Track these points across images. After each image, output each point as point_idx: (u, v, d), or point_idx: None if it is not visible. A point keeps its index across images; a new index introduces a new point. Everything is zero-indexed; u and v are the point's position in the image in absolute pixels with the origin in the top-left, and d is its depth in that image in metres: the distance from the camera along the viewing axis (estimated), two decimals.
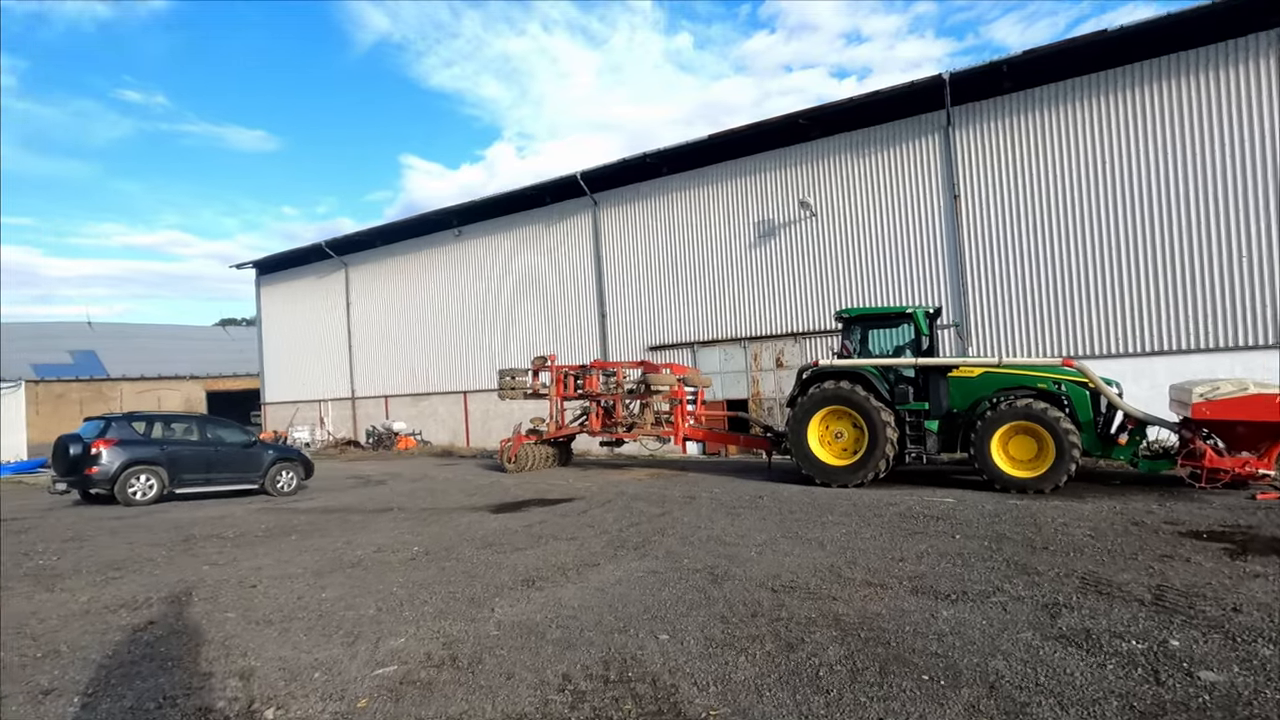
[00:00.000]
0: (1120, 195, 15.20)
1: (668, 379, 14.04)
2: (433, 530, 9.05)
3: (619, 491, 12.08)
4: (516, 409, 23.96)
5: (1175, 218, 14.64)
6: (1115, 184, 15.25)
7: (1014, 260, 16.29)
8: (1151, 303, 14.85)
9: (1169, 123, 14.70)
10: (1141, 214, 14.98)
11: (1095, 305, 15.41)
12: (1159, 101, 14.79)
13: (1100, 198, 15.39)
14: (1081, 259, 15.53)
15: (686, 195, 21.07)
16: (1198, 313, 14.39)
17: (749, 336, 20.08)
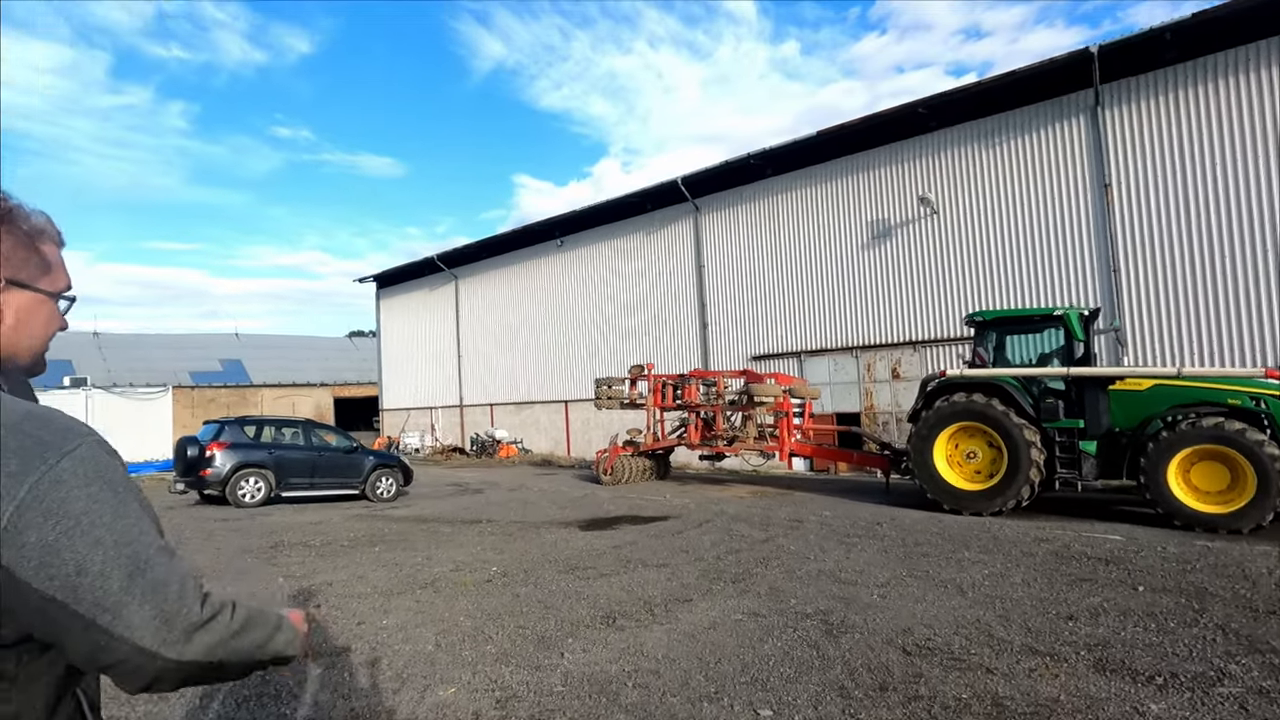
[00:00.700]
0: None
1: (772, 389, 12.85)
2: (517, 547, 8.38)
3: (718, 511, 11.03)
4: (615, 419, 23.35)
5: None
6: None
7: (1179, 257, 13.89)
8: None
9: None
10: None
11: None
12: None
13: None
14: (1264, 254, 12.97)
15: (792, 197, 19.76)
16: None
17: (861, 345, 18.46)
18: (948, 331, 16.85)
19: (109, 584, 0.86)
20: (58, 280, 1.08)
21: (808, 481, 15.67)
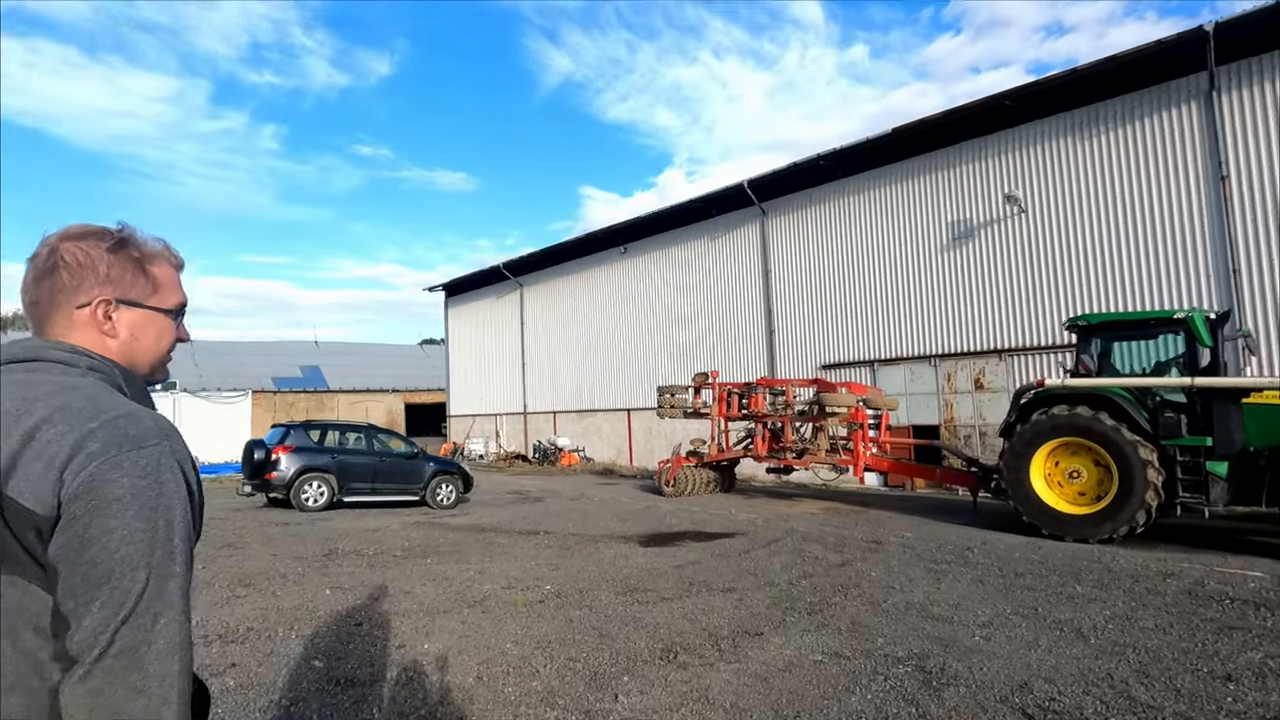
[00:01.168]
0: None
1: (846, 399, 11.96)
2: (573, 564, 7.85)
3: (787, 529, 10.24)
4: (679, 429, 22.71)
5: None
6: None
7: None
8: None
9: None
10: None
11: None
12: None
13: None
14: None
15: (865, 198, 18.72)
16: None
17: (940, 354, 17.23)
18: (1037, 339, 15.50)
19: (94, 570, 0.90)
20: (167, 299, 1.18)
21: (883, 498, 14.61)
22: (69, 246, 1.11)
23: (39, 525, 0.92)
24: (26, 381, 1.02)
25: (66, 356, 1.07)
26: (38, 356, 1.06)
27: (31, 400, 0.99)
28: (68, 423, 0.96)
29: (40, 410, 0.98)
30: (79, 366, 1.07)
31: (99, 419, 0.98)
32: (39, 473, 0.93)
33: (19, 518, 0.92)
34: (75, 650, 0.89)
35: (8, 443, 0.95)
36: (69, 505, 0.92)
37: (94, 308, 1.11)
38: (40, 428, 0.96)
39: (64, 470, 0.93)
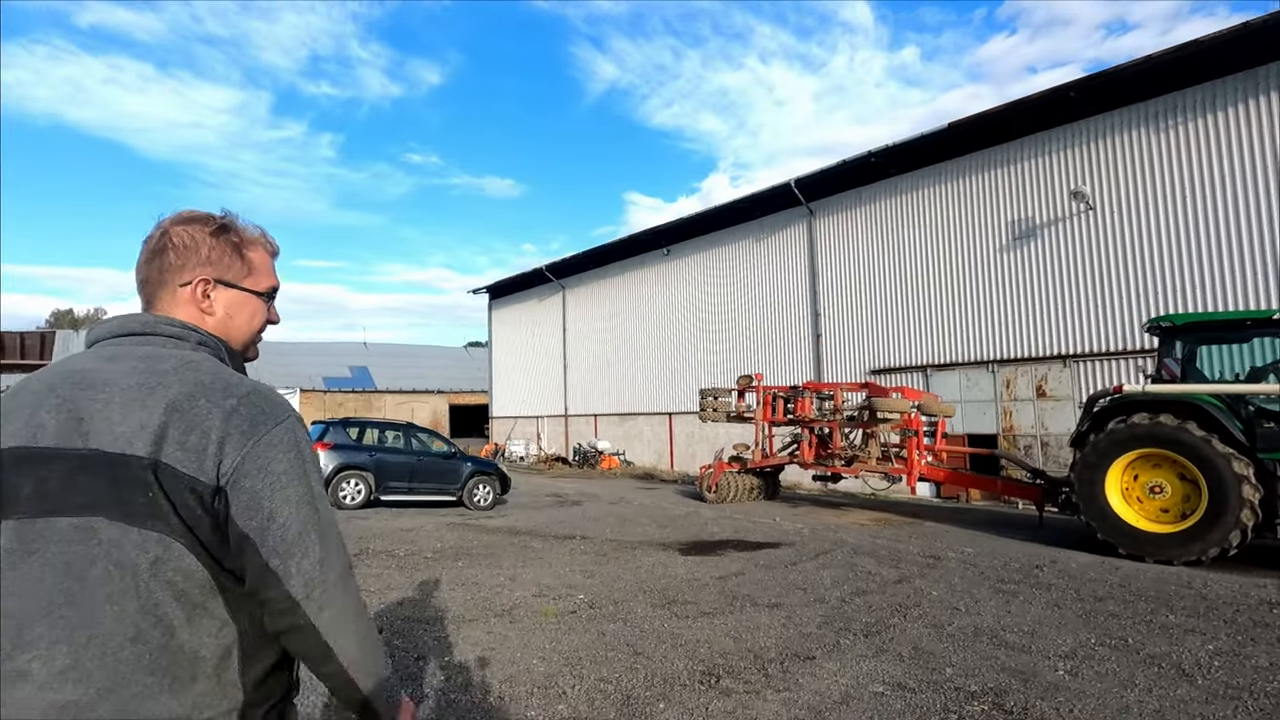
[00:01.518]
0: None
1: (899, 404, 11.25)
2: (609, 571, 7.41)
3: (836, 540, 9.61)
4: (721, 433, 22.13)
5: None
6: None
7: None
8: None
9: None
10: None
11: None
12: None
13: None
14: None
15: (918, 197, 17.89)
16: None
17: (999, 359, 16.29)
18: (1106, 344, 14.49)
19: (288, 534, 1.04)
20: (260, 281, 1.26)
21: (936, 509, 13.79)
22: (177, 229, 1.19)
23: (199, 491, 1.00)
24: (147, 354, 1.09)
25: (178, 331, 1.14)
26: (152, 330, 1.13)
27: (160, 373, 1.05)
28: (208, 398, 1.04)
29: (175, 384, 1.05)
30: (189, 341, 1.14)
31: (234, 395, 1.06)
32: (195, 444, 1.01)
33: (175, 483, 1.00)
34: (298, 594, 1.04)
35: (153, 414, 1.02)
36: (241, 480, 1.01)
37: (194, 286, 1.18)
38: (182, 401, 1.03)
39: (222, 444, 1.02)
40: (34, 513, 0.99)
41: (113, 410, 1.02)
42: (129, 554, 0.99)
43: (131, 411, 1.02)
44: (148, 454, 1.00)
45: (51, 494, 0.99)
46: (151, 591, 0.99)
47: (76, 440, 1.01)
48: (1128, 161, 14.48)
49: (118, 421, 1.01)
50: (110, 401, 1.02)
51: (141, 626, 0.99)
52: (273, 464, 1.04)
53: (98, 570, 0.98)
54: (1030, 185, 15.94)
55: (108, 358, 1.09)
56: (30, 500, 0.99)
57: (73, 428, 1.01)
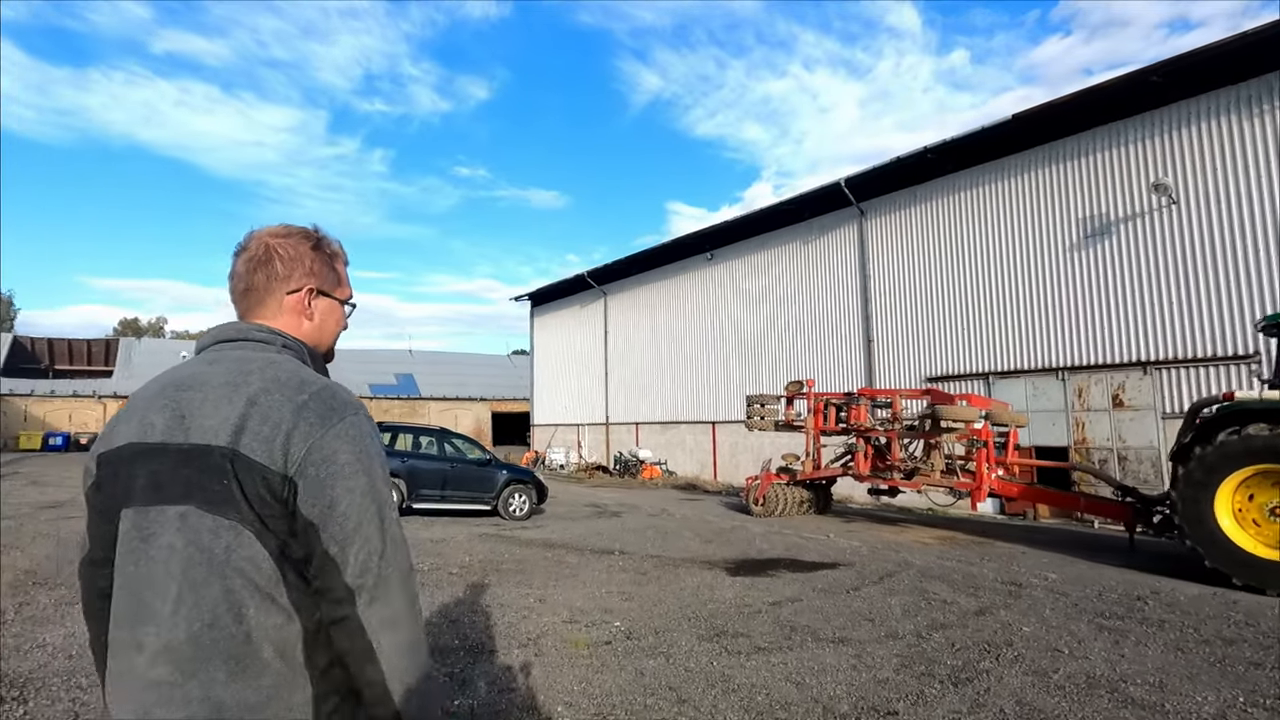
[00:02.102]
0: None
1: (966, 413, 10.21)
2: (649, 593, 6.65)
3: (899, 561, 8.65)
4: (767, 443, 21.16)
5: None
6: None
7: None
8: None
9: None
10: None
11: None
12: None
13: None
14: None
15: (978, 194, 16.73)
16: None
17: (1069, 366, 14.99)
18: (1193, 349, 13.14)
19: (347, 523, 1.07)
20: (345, 291, 1.39)
21: (1003, 528, 12.60)
22: (280, 242, 1.28)
23: (269, 479, 1.06)
24: (239, 357, 1.18)
25: (265, 336, 1.23)
26: (244, 336, 1.23)
27: (247, 373, 1.14)
28: (282, 392, 1.11)
29: (256, 381, 1.13)
30: (275, 344, 1.23)
31: (306, 391, 1.12)
32: (267, 434, 1.07)
33: (249, 472, 1.06)
34: (353, 582, 1.07)
35: (235, 408, 1.09)
36: (307, 469, 1.06)
37: (302, 295, 1.28)
38: (259, 396, 1.11)
39: (290, 435, 1.07)
40: (147, 502, 1.08)
41: (206, 406, 1.10)
42: (208, 540, 1.05)
43: (219, 407, 1.09)
44: (227, 444, 1.06)
45: (162, 485, 1.08)
46: (227, 578, 1.04)
47: (179, 435, 1.09)
48: (1215, 150, 13.15)
49: (209, 416, 1.09)
50: (205, 399, 1.11)
51: (217, 612, 1.03)
52: (337, 454, 1.08)
53: (188, 555, 1.05)
54: (1104, 179, 14.68)
55: (207, 362, 1.18)
56: (145, 491, 1.08)
57: (176, 424, 1.10)
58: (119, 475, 1.11)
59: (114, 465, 1.12)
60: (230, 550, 1.04)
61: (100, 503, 1.13)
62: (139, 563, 1.06)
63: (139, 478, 1.09)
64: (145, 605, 1.04)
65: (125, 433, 1.13)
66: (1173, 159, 13.69)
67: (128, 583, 1.06)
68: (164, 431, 1.09)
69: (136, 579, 1.06)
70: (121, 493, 1.10)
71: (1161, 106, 13.86)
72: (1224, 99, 13.10)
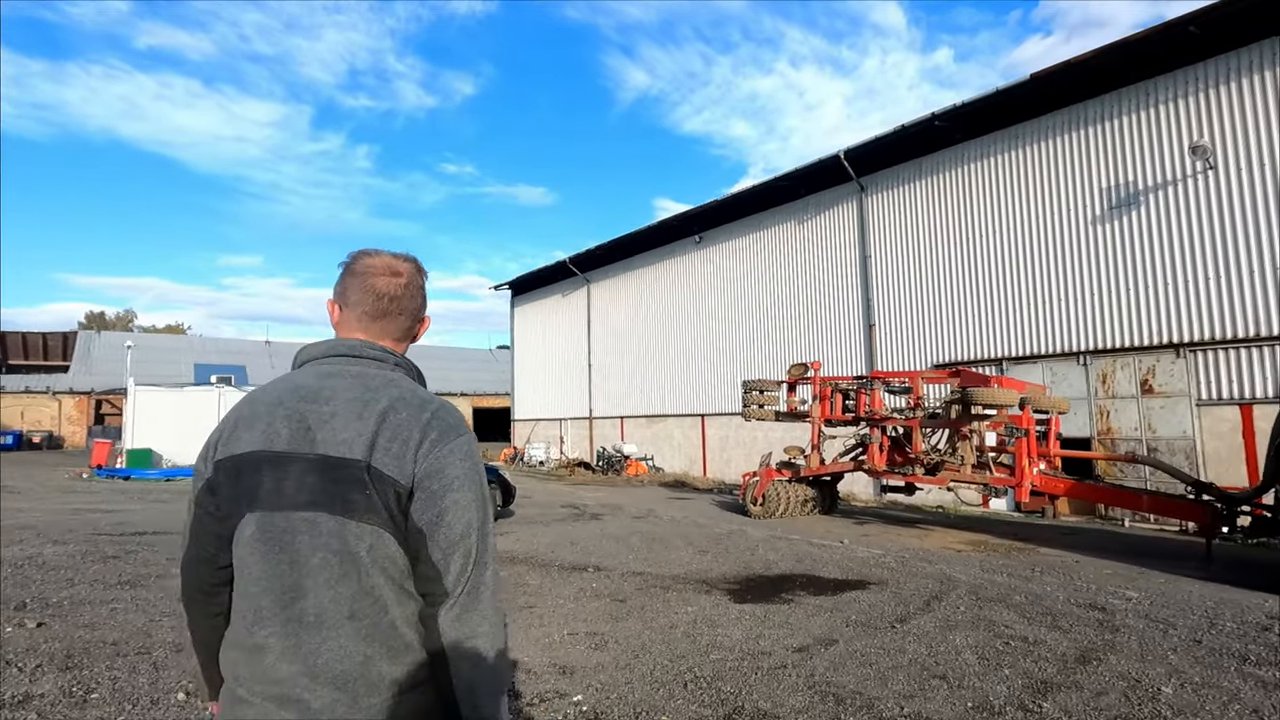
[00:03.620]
0: None
1: (1005, 396, 8.47)
2: (629, 633, 4.82)
3: (940, 577, 6.88)
4: (759, 436, 19.41)
5: None
6: None
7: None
8: None
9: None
10: None
11: None
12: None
13: None
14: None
15: (990, 164, 15.06)
16: None
17: (1092, 349, 13.36)
18: (1233, 329, 11.53)
19: (452, 533, 1.13)
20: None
21: (1032, 529, 10.90)
22: (414, 272, 1.36)
23: (398, 491, 1.12)
24: (360, 373, 1.22)
25: (380, 354, 1.27)
26: (359, 354, 1.25)
27: (373, 389, 1.19)
28: (408, 410, 1.17)
29: (384, 398, 1.18)
30: (389, 363, 1.27)
31: (428, 410, 1.19)
32: (398, 450, 1.14)
33: (382, 483, 1.12)
34: (450, 588, 1.13)
35: (368, 423, 1.15)
36: (424, 481, 1.13)
37: (423, 320, 1.38)
38: (388, 413, 1.16)
39: (417, 451, 1.14)
40: (272, 507, 1.13)
41: (336, 421, 1.15)
42: (349, 543, 1.11)
43: (350, 422, 1.14)
44: (364, 458, 1.12)
45: (286, 492, 1.13)
46: (370, 575, 1.11)
47: (305, 446, 1.14)
48: (1259, 108, 11.54)
49: (340, 430, 1.14)
50: (334, 414, 1.15)
51: (357, 606, 1.10)
52: (449, 469, 1.15)
53: (317, 559, 1.10)
54: (1133, 143, 13.03)
55: (326, 374, 1.21)
56: (270, 496, 1.13)
57: (302, 435, 1.14)
58: (241, 480, 1.15)
59: (235, 470, 1.16)
60: (372, 550, 1.11)
61: (214, 505, 1.18)
62: (268, 562, 1.11)
63: (264, 484, 1.14)
64: (279, 601, 1.10)
65: (249, 440, 1.16)
66: (1210, 119, 12.07)
67: (256, 581, 1.12)
68: (289, 441, 1.14)
69: (265, 578, 1.11)
70: (244, 497, 1.15)
71: (1198, 62, 12.23)
72: (1268, 51, 11.49)
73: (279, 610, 1.10)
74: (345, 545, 1.10)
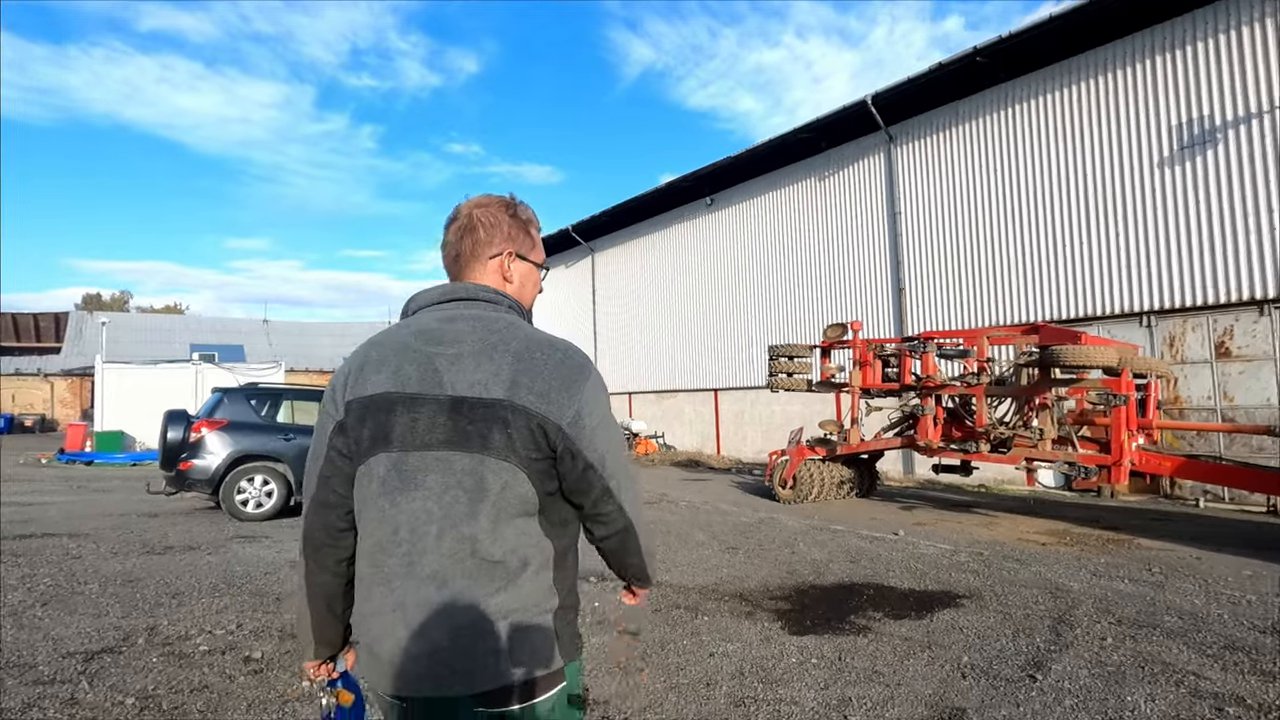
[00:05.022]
0: None
1: (1103, 355, 6.75)
2: (646, 695, 3.22)
3: (1043, 583, 5.24)
4: (778, 411, 17.79)
5: None
6: None
7: None
8: None
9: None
10: None
11: None
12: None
13: None
14: None
15: (1037, 105, 13.16)
16: None
17: (1156, 309, 11.61)
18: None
19: (615, 462, 1.22)
20: (539, 255, 1.42)
21: (1102, 511, 9.21)
22: (480, 211, 1.33)
23: (546, 428, 1.14)
24: (477, 315, 1.23)
25: (494, 296, 1.29)
26: (474, 296, 1.27)
27: (496, 331, 1.21)
28: (542, 351, 1.19)
29: (512, 340, 1.20)
30: (502, 304, 1.29)
31: (559, 349, 1.21)
32: (540, 389, 1.15)
33: (525, 420, 1.14)
34: (626, 506, 1.24)
35: (502, 365, 1.16)
36: (580, 419, 1.16)
37: (502, 259, 1.33)
38: (523, 354, 1.18)
39: (561, 391, 1.16)
40: (406, 447, 1.15)
41: (464, 362, 1.16)
42: (485, 480, 1.13)
43: (482, 364, 1.16)
44: (504, 397, 1.14)
45: (419, 431, 1.15)
46: (499, 510, 1.14)
47: (435, 388, 1.15)
48: None
49: (470, 371, 1.15)
50: (460, 355, 1.17)
51: (480, 540, 1.13)
52: (598, 407, 1.21)
53: (450, 496, 1.14)
54: (1209, 73, 11.13)
55: (446, 319, 1.22)
56: (403, 437, 1.15)
57: (431, 377, 1.16)
58: (373, 420, 1.17)
59: (366, 411, 1.17)
60: (506, 487, 1.14)
61: (345, 445, 1.20)
62: (398, 500, 1.15)
63: (397, 425, 1.15)
64: (413, 535, 1.13)
65: (379, 382, 1.17)
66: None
67: (388, 519, 1.15)
68: (419, 383, 1.15)
69: (398, 514, 1.14)
70: (377, 437, 1.16)
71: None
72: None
73: (416, 542, 1.13)
74: (478, 482, 1.13)
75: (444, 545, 1.12)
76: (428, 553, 1.12)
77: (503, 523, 1.13)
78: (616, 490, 1.21)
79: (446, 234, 1.33)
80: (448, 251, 1.33)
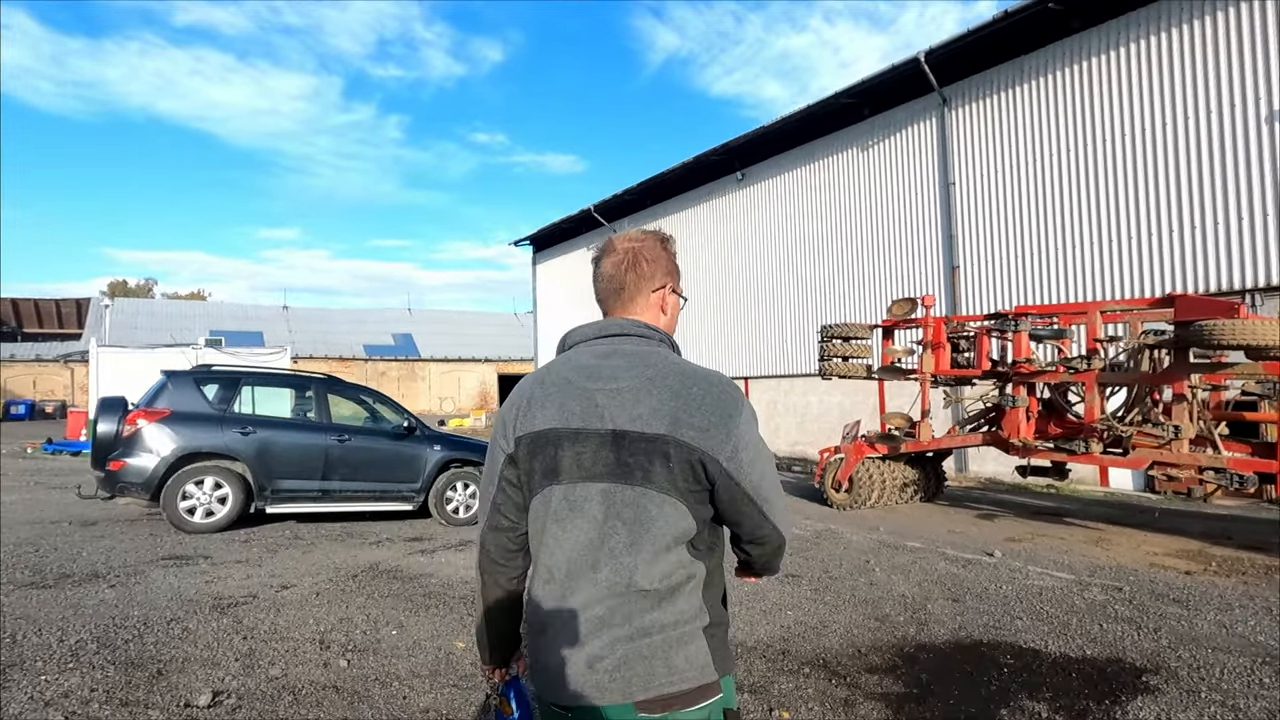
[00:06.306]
0: None
1: (1267, 331, 5.12)
2: None
3: (1239, 643, 3.69)
4: (814, 402, 16.21)
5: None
6: None
7: None
8: None
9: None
10: None
11: None
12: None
13: None
14: None
15: (1115, 59, 11.30)
16: None
17: (1262, 286, 9.79)
18: None
19: (768, 488, 1.23)
20: (681, 286, 1.45)
21: (1212, 522, 7.53)
22: (643, 246, 1.36)
23: (705, 461, 1.16)
24: (633, 351, 1.26)
25: (645, 331, 1.31)
26: (626, 331, 1.29)
27: (652, 365, 1.23)
28: (699, 385, 1.20)
29: (669, 375, 1.21)
30: (654, 339, 1.30)
31: (713, 384, 1.22)
32: (700, 423, 1.17)
33: (685, 454, 1.16)
34: (781, 527, 1.27)
35: (662, 400, 1.18)
36: (738, 452, 1.18)
37: (663, 292, 1.37)
38: (681, 390, 1.19)
39: (718, 424, 1.17)
40: (574, 479, 1.20)
41: (624, 397, 1.19)
42: (645, 510, 1.17)
43: (641, 398, 1.18)
44: (666, 432, 1.16)
45: (585, 464, 1.19)
46: (656, 538, 1.17)
47: (596, 422, 1.19)
48: None
49: (630, 405, 1.18)
50: (619, 391, 1.20)
51: (640, 564, 1.16)
52: (752, 437, 1.21)
53: (608, 525, 1.18)
54: None
55: (603, 355, 1.26)
56: (571, 469, 1.20)
57: (593, 412, 1.19)
58: (542, 454, 1.22)
59: (535, 445, 1.23)
60: (666, 518, 1.16)
61: (515, 476, 1.26)
62: (566, 528, 1.20)
63: (565, 458, 1.20)
64: (580, 560, 1.18)
65: (545, 418, 1.23)
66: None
67: (556, 544, 1.20)
68: (582, 418, 1.20)
69: (567, 542, 1.19)
70: (547, 471, 1.22)
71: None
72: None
73: (582, 569, 1.18)
74: (637, 513, 1.17)
75: (602, 573, 1.16)
76: (588, 577, 1.17)
77: (660, 552, 1.17)
78: (770, 512, 1.25)
79: (602, 267, 1.36)
80: (610, 284, 1.35)
